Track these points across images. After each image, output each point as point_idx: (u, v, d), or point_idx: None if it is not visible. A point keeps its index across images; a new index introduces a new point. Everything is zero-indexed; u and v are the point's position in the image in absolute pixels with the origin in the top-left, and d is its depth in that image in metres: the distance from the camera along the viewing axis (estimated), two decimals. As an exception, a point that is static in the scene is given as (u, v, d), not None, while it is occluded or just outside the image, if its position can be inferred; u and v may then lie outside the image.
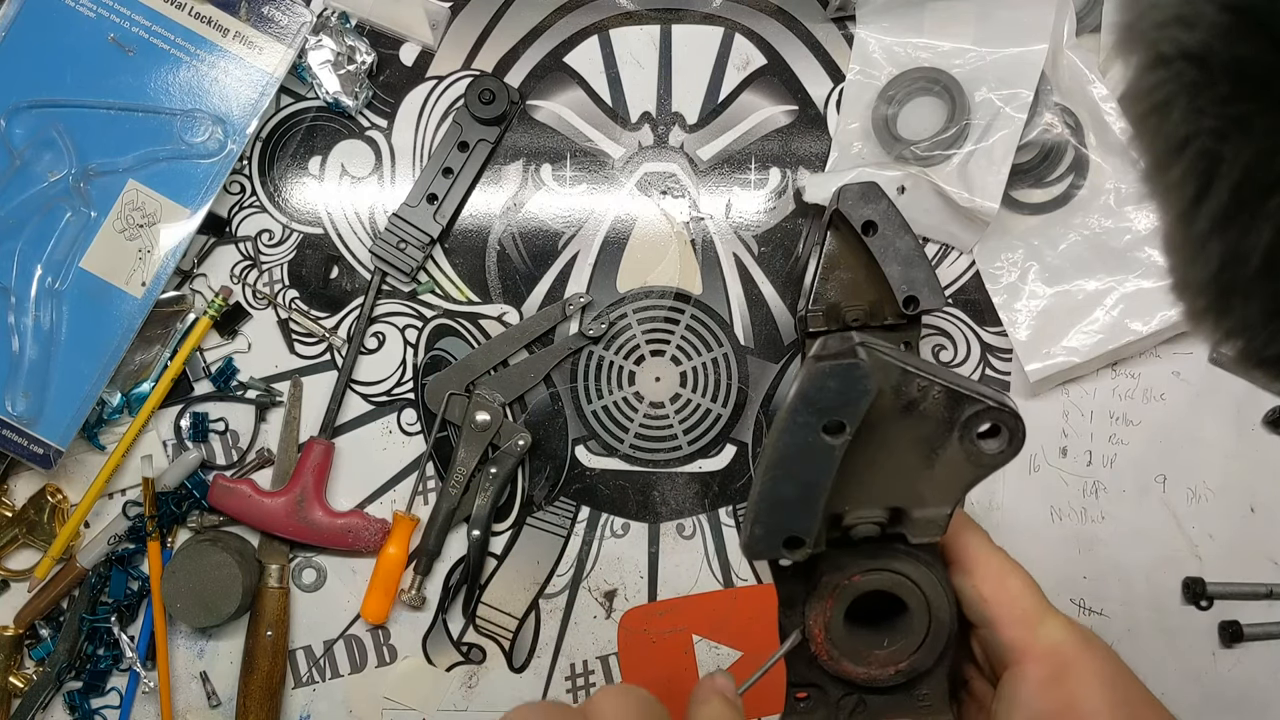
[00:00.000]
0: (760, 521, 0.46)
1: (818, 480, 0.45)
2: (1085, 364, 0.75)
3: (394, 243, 0.77)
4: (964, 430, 0.46)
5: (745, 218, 0.79)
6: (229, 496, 0.76)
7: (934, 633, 0.49)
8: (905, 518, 0.48)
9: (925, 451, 0.47)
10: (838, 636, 0.50)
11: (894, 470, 0.47)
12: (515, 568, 0.78)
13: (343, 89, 0.77)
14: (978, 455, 0.47)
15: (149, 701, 0.77)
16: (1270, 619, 0.76)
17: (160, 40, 0.75)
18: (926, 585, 0.49)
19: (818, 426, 0.44)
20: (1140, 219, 0.75)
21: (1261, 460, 0.76)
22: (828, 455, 0.45)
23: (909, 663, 0.50)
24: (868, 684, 0.50)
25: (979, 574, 0.50)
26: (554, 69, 0.79)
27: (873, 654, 0.50)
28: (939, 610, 0.49)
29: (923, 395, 0.46)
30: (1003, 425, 0.46)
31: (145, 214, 0.75)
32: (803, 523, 0.46)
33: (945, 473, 0.47)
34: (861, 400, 0.44)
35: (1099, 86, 0.75)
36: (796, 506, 0.46)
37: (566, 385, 0.78)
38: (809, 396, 0.44)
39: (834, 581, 0.49)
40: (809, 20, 0.79)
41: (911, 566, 0.49)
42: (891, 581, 0.49)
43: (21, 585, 0.78)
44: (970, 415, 0.46)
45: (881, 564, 0.49)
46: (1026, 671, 0.47)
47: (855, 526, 0.48)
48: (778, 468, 0.45)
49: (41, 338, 0.74)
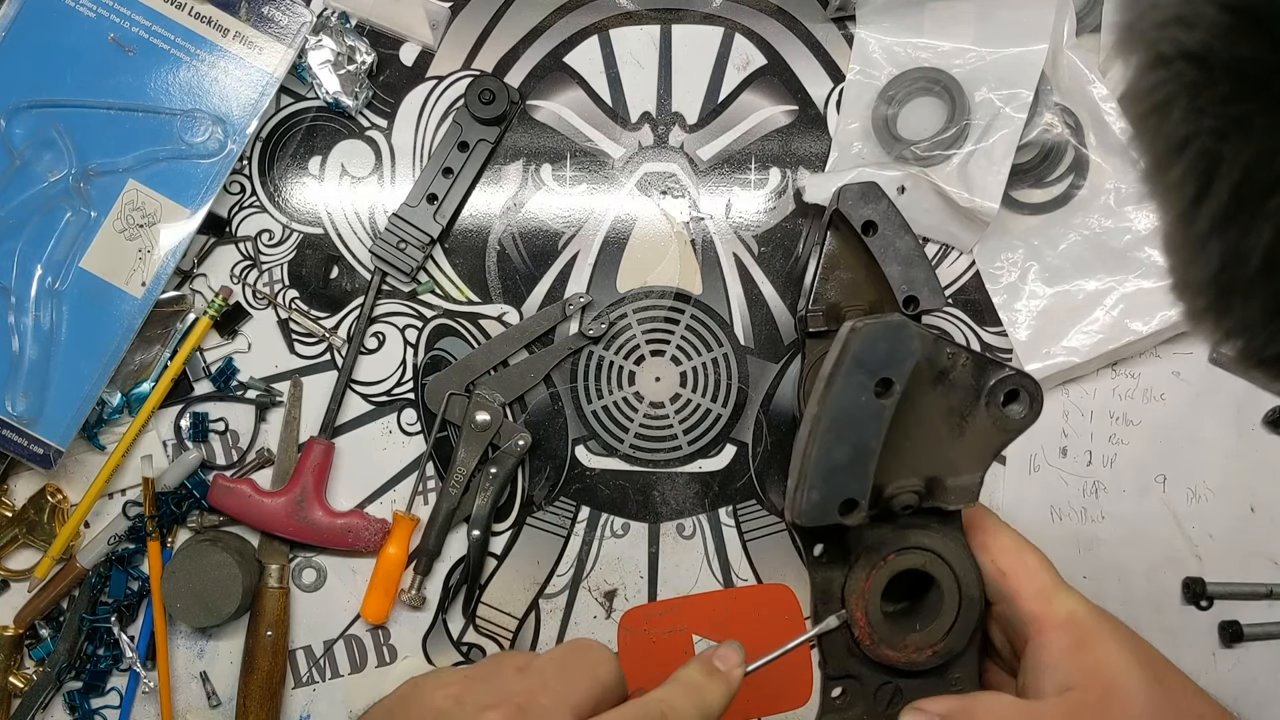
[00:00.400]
0: (816, 486, 0.47)
1: (869, 441, 0.47)
2: (1085, 364, 0.75)
3: (394, 243, 0.77)
4: (990, 397, 0.49)
5: (745, 218, 0.79)
6: (229, 496, 0.76)
7: (965, 611, 0.51)
8: (939, 487, 0.49)
9: (957, 420, 0.49)
10: (876, 620, 0.51)
11: (929, 439, 0.49)
12: (515, 568, 0.78)
13: (343, 89, 0.77)
14: (1004, 420, 0.50)
15: (149, 701, 0.77)
16: (1270, 619, 0.76)
17: (160, 40, 0.75)
18: (957, 563, 0.50)
19: (870, 385, 0.46)
20: (1140, 219, 0.75)
21: (1261, 460, 0.76)
22: (879, 414, 0.46)
23: (944, 644, 0.51)
24: (906, 668, 0.51)
25: (996, 549, 0.51)
26: (554, 69, 0.79)
27: (908, 638, 0.51)
28: (969, 588, 0.50)
29: (952, 364, 0.49)
30: (1024, 389, 0.49)
31: (145, 214, 0.75)
32: (858, 484, 0.47)
33: (975, 439, 0.49)
34: (909, 359, 0.46)
35: (1099, 86, 0.75)
36: (850, 468, 0.47)
37: (566, 385, 0.78)
38: (860, 357, 0.46)
39: (871, 562, 0.50)
40: (809, 20, 0.79)
41: (942, 543, 0.50)
42: (925, 559, 0.50)
43: (21, 585, 0.78)
44: (995, 382, 0.49)
45: (915, 541, 0.50)
46: (1050, 640, 0.48)
47: (896, 496, 0.49)
48: (831, 430, 0.46)
49: (41, 338, 0.74)
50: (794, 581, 0.77)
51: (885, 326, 0.47)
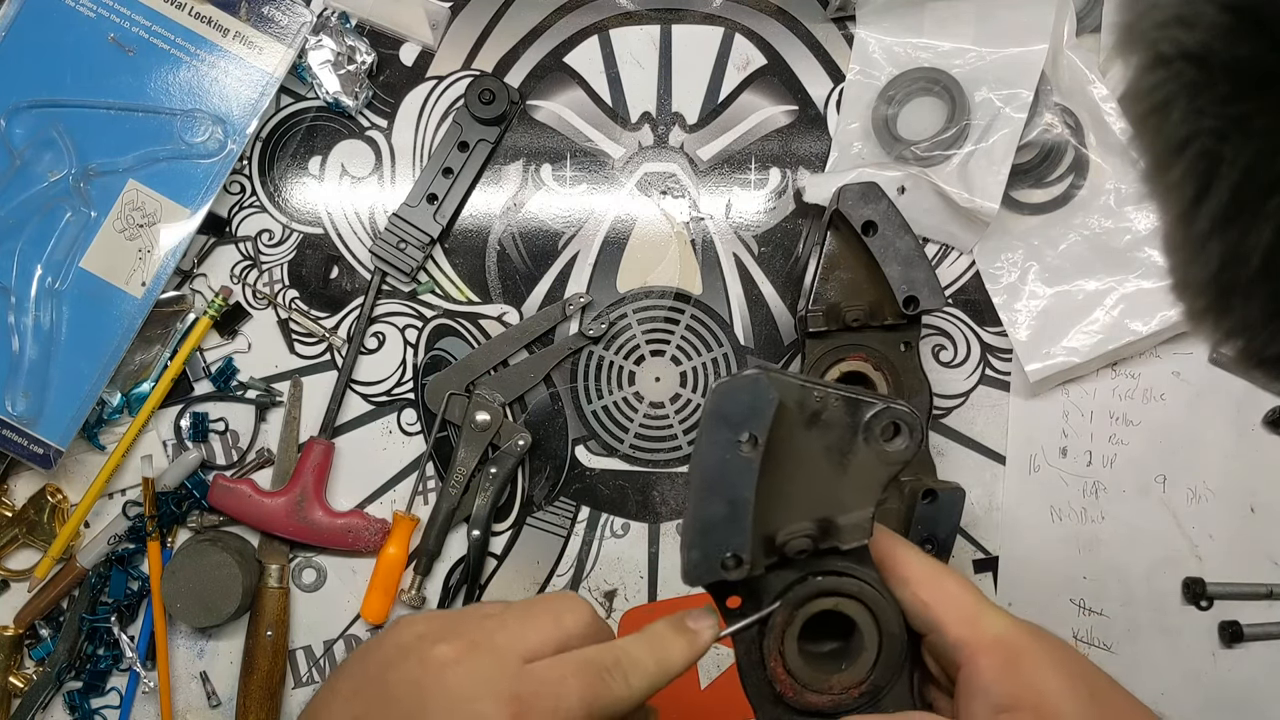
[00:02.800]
0: (696, 545, 0.47)
1: (742, 494, 0.47)
2: (1085, 364, 0.75)
3: (394, 243, 0.77)
4: (867, 432, 0.49)
5: (745, 218, 0.79)
6: (229, 496, 0.76)
7: (887, 647, 0.50)
8: (832, 527, 0.49)
9: (837, 459, 0.49)
10: (796, 668, 0.50)
11: (811, 481, 0.49)
12: (515, 568, 0.78)
13: (343, 89, 0.77)
14: (884, 454, 0.49)
15: (149, 701, 0.77)
16: (1270, 619, 0.76)
17: (160, 40, 0.75)
18: (871, 600, 0.50)
19: (734, 440, 0.46)
20: (1140, 219, 0.75)
21: (1261, 460, 0.76)
22: (748, 467, 0.46)
23: (869, 682, 0.50)
24: (834, 710, 0.50)
25: (914, 580, 0.50)
26: (554, 69, 0.79)
27: (833, 680, 0.51)
28: (888, 624, 0.50)
29: (823, 405, 0.49)
30: (901, 422, 0.48)
31: (145, 214, 0.75)
32: (736, 539, 0.47)
33: (859, 475, 0.49)
34: (768, 408, 0.47)
35: (1099, 86, 0.75)
36: (728, 524, 0.47)
37: (566, 385, 0.78)
38: (720, 414, 0.47)
39: (784, 613, 0.50)
40: (809, 20, 0.79)
41: (853, 584, 0.50)
42: (836, 602, 0.50)
43: (21, 585, 0.78)
44: (870, 417, 0.48)
45: (825, 586, 0.50)
46: (980, 664, 0.47)
47: (788, 543, 0.48)
48: (704, 488, 0.47)
49: (41, 338, 0.74)
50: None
51: (739, 381, 0.47)
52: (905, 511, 0.71)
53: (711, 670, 0.77)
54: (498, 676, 0.45)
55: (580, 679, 0.46)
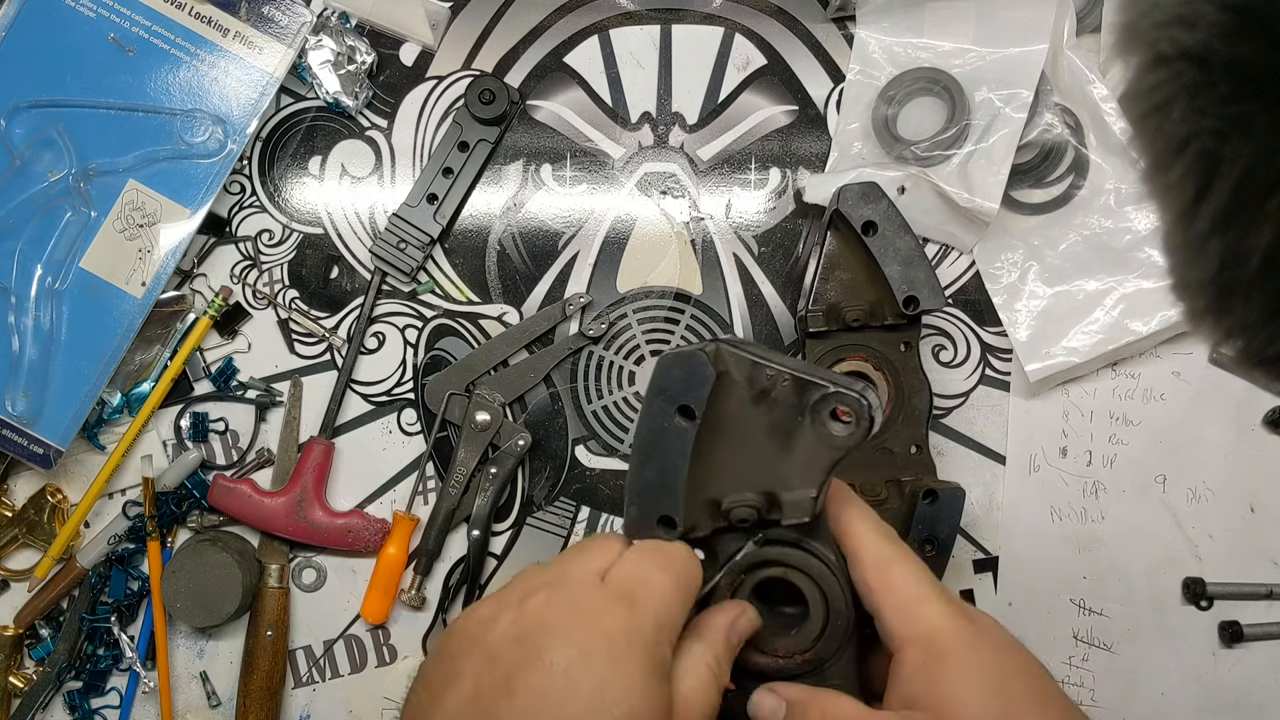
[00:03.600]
0: (634, 504, 0.50)
1: (675, 462, 0.49)
2: (1085, 364, 0.75)
3: (394, 243, 0.77)
4: (814, 415, 0.49)
5: (745, 218, 0.79)
6: (229, 496, 0.76)
7: (832, 622, 0.51)
8: (776, 502, 0.51)
9: (782, 437, 0.50)
10: None
11: (756, 456, 0.50)
12: (515, 568, 0.78)
13: (343, 89, 0.77)
14: (829, 438, 0.49)
15: (149, 701, 0.77)
16: (1270, 619, 0.76)
17: (160, 40, 0.75)
18: (819, 576, 0.51)
19: (671, 412, 0.49)
20: (1140, 219, 0.75)
21: (1261, 460, 0.76)
22: (682, 438, 0.49)
23: (813, 652, 0.52)
24: (776, 674, 0.52)
25: (864, 563, 0.51)
26: (554, 69, 0.79)
27: (778, 644, 0.52)
28: (835, 600, 0.51)
29: (773, 384, 0.49)
30: (846, 406, 0.49)
31: (145, 214, 0.75)
32: (668, 503, 0.50)
33: (804, 456, 0.50)
34: (704, 385, 0.48)
35: (1099, 86, 0.75)
36: (661, 489, 0.50)
37: (566, 385, 0.78)
38: (659, 386, 0.49)
39: (732, 576, 0.52)
40: (809, 20, 0.79)
41: (799, 557, 0.51)
42: (783, 573, 0.52)
43: (21, 585, 0.78)
44: (817, 399, 0.49)
45: (770, 556, 0.52)
46: (904, 656, 0.48)
47: (733, 510, 0.50)
48: (640, 453, 0.50)
49: (41, 338, 0.74)
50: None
51: (678, 356, 0.49)
52: (906, 511, 0.71)
53: (711, 670, 0.77)
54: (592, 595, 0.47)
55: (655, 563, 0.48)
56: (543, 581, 0.48)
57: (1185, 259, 0.33)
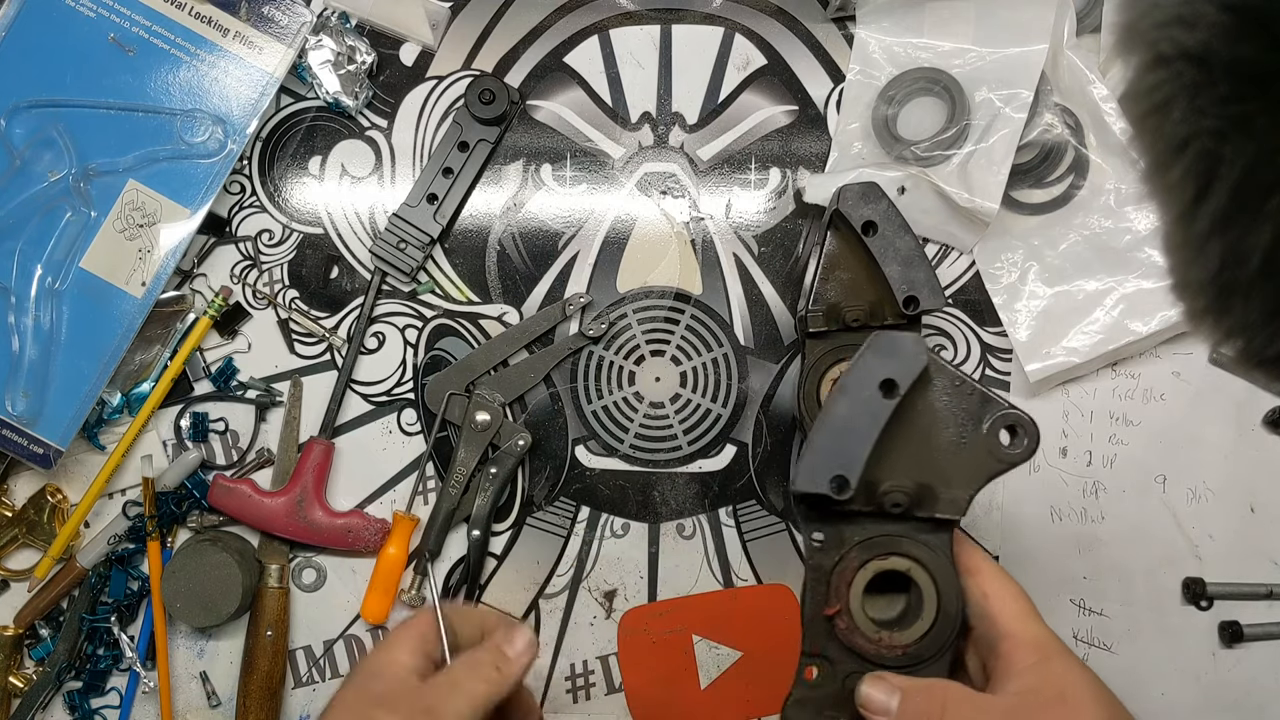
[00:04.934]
0: (817, 455, 0.53)
1: (869, 430, 0.53)
2: (1085, 364, 0.75)
3: (394, 243, 0.77)
4: (990, 427, 0.55)
5: (745, 218, 0.79)
6: (229, 496, 0.76)
7: (941, 622, 0.55)
8: (930, 495, 0.55)
9: (956, 439, 0.55)
10: (856, 609, 0.56)
11: (928, 450, 0.55)
12: (515, 568, 0.78)
13: (343, 89, 0.77)
14: (999, 450, 0.55)
15: (149, 701, 0.77)
16: (1270, 619, 0.76)
17: (160, 40, 0.75)
18: (941, 576, 0.55)
19: (876, 384, 0.53)
20: (1140, 219, 0.75)
21: (1261, 460, 0.76)
22: (882, 410, 0.53)
23: (916, 647, 0.55)
24: (875, 660, 0.56)
25: (982, 575, 0.55)
26: (554, 69, 0.79)
27: (883, 634, 0.56)
28: (948, 603, 0.55)
29: (959, 390, 0.55)
30: (1021, 428, 0.55)
31: (145, 214, 0.75)
32: (851, 464, 0.53)
33: (970, 460, 0.55)
34: (915, 368, 0.53)
35: (1099, 86, 0.75)
36: (848, 451, 0.53)
37: (566, 385, 0.78)
38: (876, 356, 0.54)
39: (862, 556, 0.55)
40: (809, 20, 0.79)
41: (930, 556, 0.55)
42: (910, 566, 0.55)
43: (21, 585, 0.78)
44: (997, 415, 0.55)
45: (905, 550, 0.55)
46: (1020, 654, 0.52)
47: (889, 494, 0.54)
48: (837, 415, 0.53)
49: (41, 338, 0.74)
50: (794, 581, 0.77)
51: (902, 338, 0.54)
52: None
53: (712, 670, 0.77)
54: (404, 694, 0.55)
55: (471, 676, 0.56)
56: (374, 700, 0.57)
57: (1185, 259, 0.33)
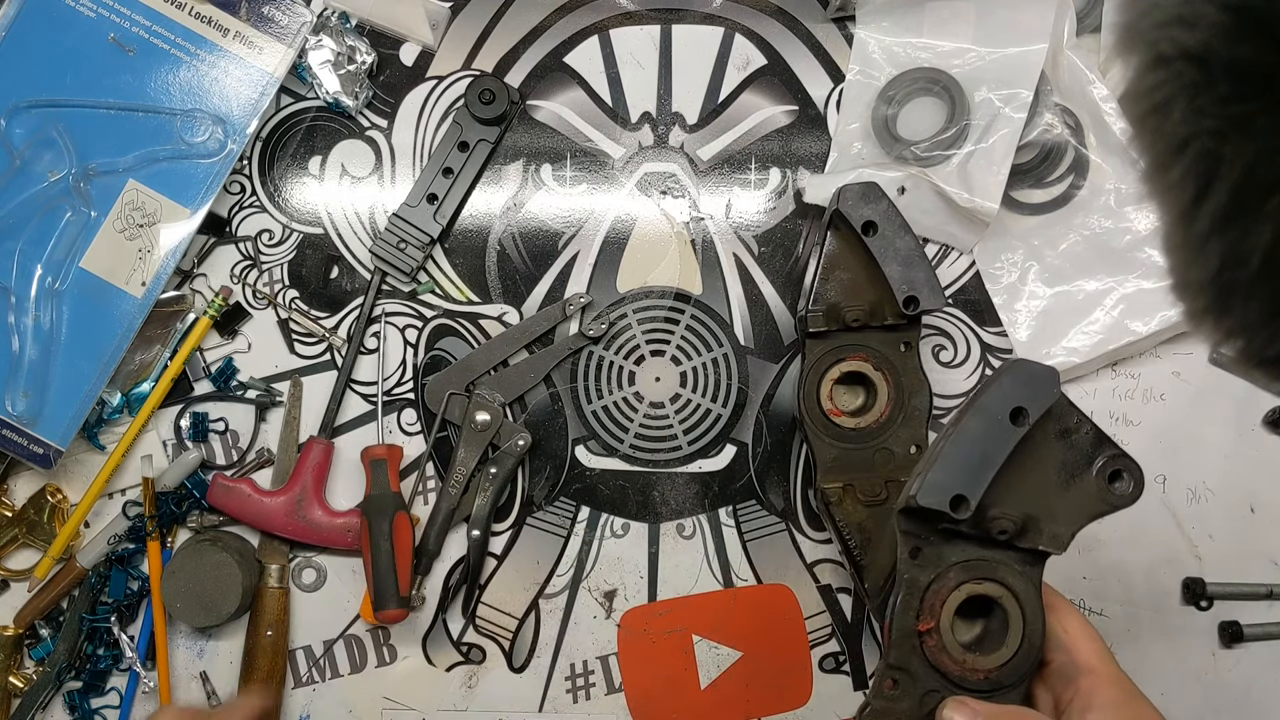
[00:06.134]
0: (943, 472, 0.54)
1: (995, 455, 0.54)
2: (1085, 364, 0.75)
3: (394, 243, 0.77)
4: (1100, 468, 0.56)
5: (745, 218, 0.79)
6: (229, 496, 0.76)
7: (1024, 651, 0.57)
8: (1035, 528, 0.56)
9: (1066, 475, 0.56)
10: (945, 629, 0.57)
11: (1039, 482, 0.56)
12: (515, 568, 0.78)
13: (343, 89, 0.77)
14: (1106, 492, 0.56)
15: (149, 701, 0.77)
16: (1270, 619, 0.76)
17: (160, 40, 0.75)
18: (1029, 607, 0.57)
19: (1007, 410, 0.54)
20: (1140, 219, 0.75)
21: (1261, 460, 0.76)
22: (1010, 436, 0.54)
23: (997, 673, 0.57)
24: (957, 681, 0.57)
25: (1062, 613, 0.58)
26: (554, 69, 0.79)
27: (967, 657, 0.57)
28: (1033, 633, 0.56)
29: (1077, 428, 0.56)
30: (1128, 474, 0.56)
31: (145, 214, 0.75)
32: (973, 487, 0.54)
33: (1077, 498, 0.56)
34: (1049, 399, 0.55)
35: (1099, 86, 0.75)
36: (973, 472, 0.54)
37: (566, 385, 0.78)
38: (1013, 383, 0.55)
39: (959, 579, 0.56)
40: (809, 20, 0.79)
41: (1023, 586, 0.57)
42: (1004, 593, 0.57)
43: (21, 585, 0.78)
44: (1109, 457, 0.56)
45: (1001, 576, 0.57)
46: (1104, 688, 0.54)
47: (997, 520, 0.55)
48: (968, 434, 0.54)
49: (41, 338, 0.74)
50: (793, 582, 0.77)
51: (1039, 368, 0.55)
52: None
53: (712, 670, 0.77)
54: None
55: None
56: None
57: (1185, 259, 0.33)
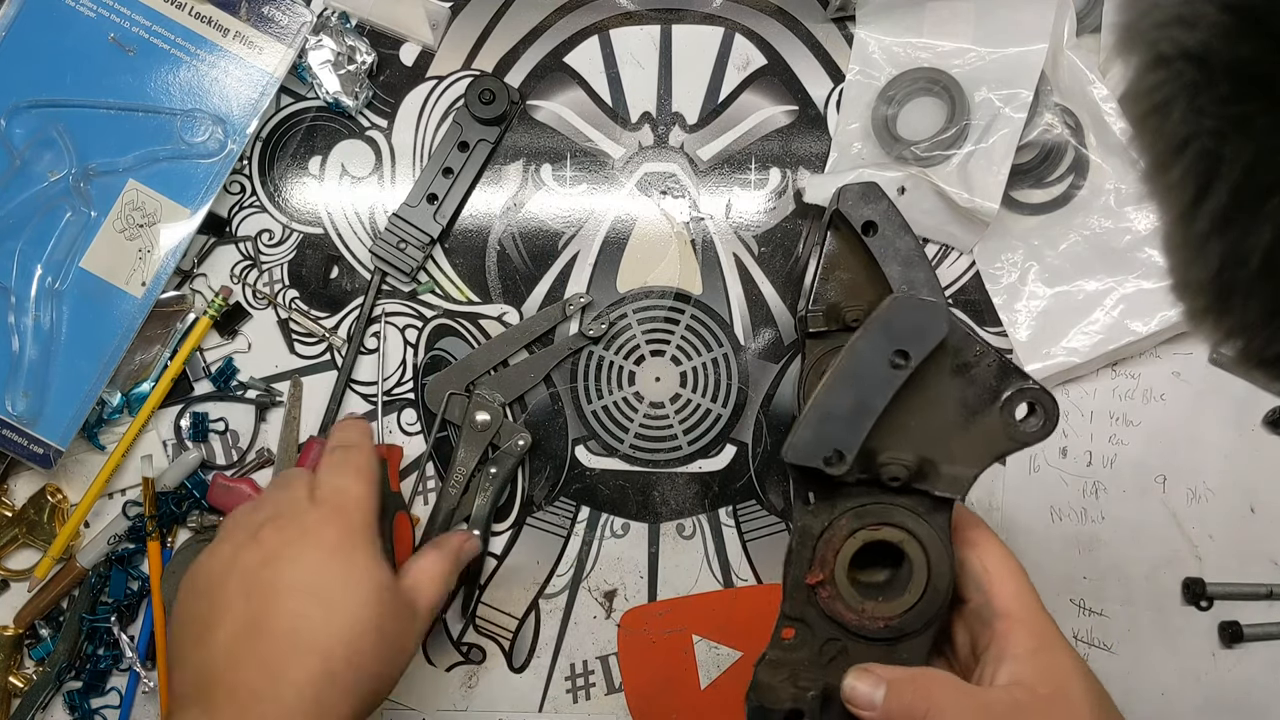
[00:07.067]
0: (811, 427, 0.50)
1: (873, 402, 0.50)
2: (1085, 364, 0.75)
3: (394, 243, 0.77)
4: (1005, 403, 0.51)
5: (745, 218, 0.79)
6: (229, 496, 0.76)
7: (929, 597, 0.53)
8: (933, 471, 0.51)
9: (966, 413, 0.51)
10: (840, 578, 0.53)
11: (935, 422, 0.51)
12: (515, 568, 0.78)
13: (343, 89, 0.77)
14: (1013, 429, 0.51)
15: (149, 701, 0.77)
16: (1270, 619, 0.76)
17: (160, 40, 0.75)
18: (933, 551, 0.52)
19: (888, 352, 0.50)
20: (1140, 219, 0.75)
21: (1261, 460, 0.76)
22: (889, 381, 0.50)
23: (900, 620, 0.53)
24: (856, 630, 0.53)
25: (983, 548, 0.53)
26: (554, 69, 0.79)
27: (866, 604, 0.53)
28: (939, 577, 0.52)
29: (977, 360, 0.51)
30: (1040, 404, 0.51)
31: (145, 214, 0.75)
32: (849, 438, 0.50)
33: (979, 437, 0.51)
34: (934, 337, 0.50)
35: (1099, 86, 0.75)
36: (848, 422, 0.50)
37: (566, 385, 0.78)
38: (888, 324, 0.50)
39: (852, 525, 0.52)
40: (809, 20, 0.79)
41: (925, 529, 0.52)
42: (903, 538, 0.53)
43: (21, 585, 0.78)
44: (1014, 391, 0.50)
45: (898, 520, 0.52)
46: (1017, 635, 0.50)
47: (887, 465, 0.51)
48: (839, 381, 0.50)
49: (41, 338, 0.74)
50: (794, 581, 0.77)
51: (920, 304, 0.50)
52: None
53: (712, 670, 0.77)
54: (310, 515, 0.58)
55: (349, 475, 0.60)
56: (265, 516, 0.58)
57: (1185, 259, 0.33)
